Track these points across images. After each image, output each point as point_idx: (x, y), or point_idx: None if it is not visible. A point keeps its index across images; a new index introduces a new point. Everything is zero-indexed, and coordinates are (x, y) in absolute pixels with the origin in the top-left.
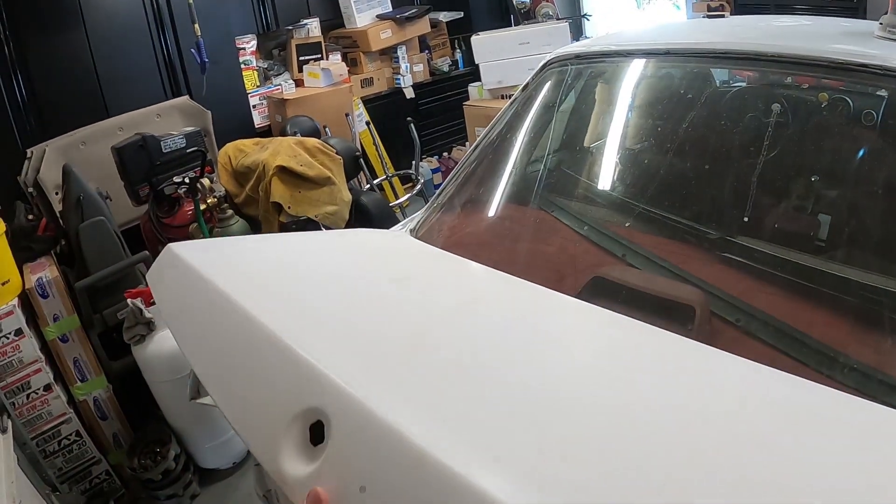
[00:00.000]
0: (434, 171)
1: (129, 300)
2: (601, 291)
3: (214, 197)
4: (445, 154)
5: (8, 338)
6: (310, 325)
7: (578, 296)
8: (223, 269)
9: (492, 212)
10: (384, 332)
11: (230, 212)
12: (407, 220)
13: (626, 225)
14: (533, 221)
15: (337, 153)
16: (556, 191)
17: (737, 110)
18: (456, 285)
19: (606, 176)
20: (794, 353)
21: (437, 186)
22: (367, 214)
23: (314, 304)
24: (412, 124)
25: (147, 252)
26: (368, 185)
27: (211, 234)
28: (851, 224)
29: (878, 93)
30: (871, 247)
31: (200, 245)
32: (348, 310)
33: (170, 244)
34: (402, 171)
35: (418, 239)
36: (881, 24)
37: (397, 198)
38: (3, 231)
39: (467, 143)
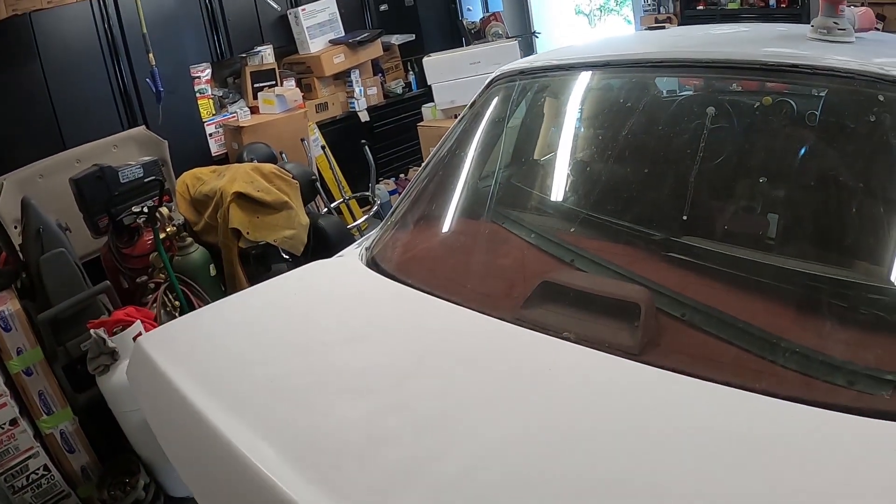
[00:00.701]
0: (391, 192)
1: (91, 331)
2: (550, 296)
3: (173, 225)
4: (402, 175)
5: None
6: (270, 434)
7: (528, 301)
8: (187, 368)
9: (443, 228)
10: (342, 428)
11: (189, 240)
12: (362, 238)
13: (572, 231)
14: (484, 235)
15: (293, 178)
16: (506, 203)
17: (674, 116)
18: (407, 338)
19: (554, 186)
20: (738, 342)
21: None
22: (325, 237)
23: (273, 402)
24: (367, 147)
25: (108, 282)
26: (326, 209)
27: (171, 263)
28: (785, 218)
29: (809, 91)
30: (805, 238)
31: (165, 336)
32: (307, 404)
33: (139, 339)
34: (359, 194)
35: (372, 259)
36: (812, 26)
37: (355, 220)
38: None
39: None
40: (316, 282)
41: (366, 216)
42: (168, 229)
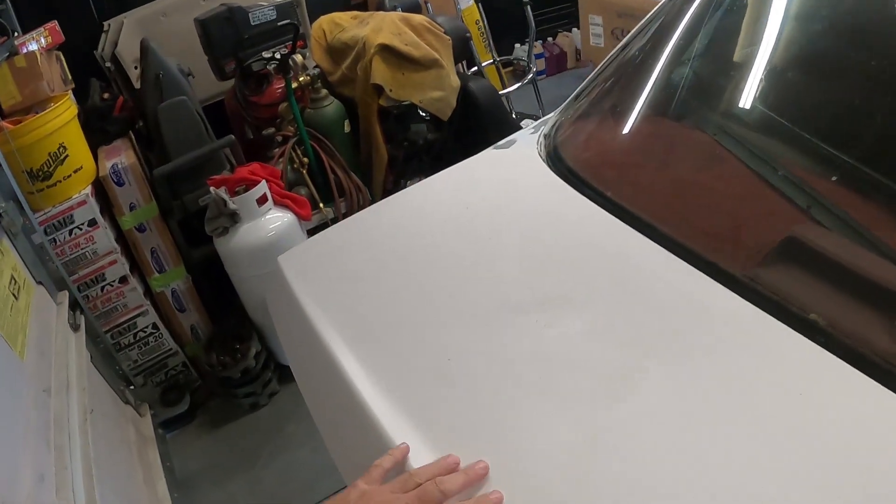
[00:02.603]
0: (538, 56)
1: (212, 189)
2: (792, 256)
3: (308, 75)
4: (550, 39)
5: (81, 229)
6: (405, 390)
7: (766, 259)
8: (328, 311)
9: (644, 130)
10: (539, 460)
11: (324, 92)
12: (539, 122)
13: (831, 175)
14: (697, 148)
15: (445, 33)
16: (726, 115)
17: None
18: (615, 308)
19: (798, 103)
20: None
21: (539, 73)
22: (475, 103)
23: (438, 392)
24: (528, 5)
25: (233, 136)
26: (473, 69)
27: (302, 115)
28: None
29: None
30: None
31: (307, 257)
32: (483, 403)
33: (279, 257)
34: (505, 57)
35: (554, 154)
36: None
37: (503, 85)
38: (75, 115)
39: (575, 30)
40: (489, 189)
41: (519, 84)
42: (301, 78)
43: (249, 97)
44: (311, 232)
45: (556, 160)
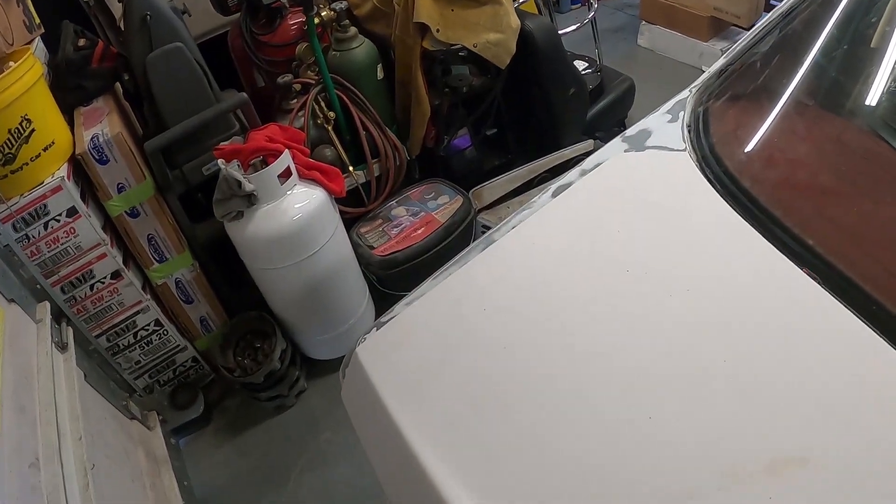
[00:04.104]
0: None
1: (221, 164)
2: None
3: (332, 10)
4: None
5: (59, 220)
6: None
7: None
8: (412, 401)
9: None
10: None
11: (353, 30)
12: (672, 103)
13: None
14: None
15: None
16: None
17: None
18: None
19: None
20: None
21: (574, 2)
22: (533, 46)
23: None
24: None
25: (245, 95)
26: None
27: (325, 58)
28: None
29: None
30: None
31: (388, 345)
32: None
33: (358, 349)
34: None
35: (714, 162)
36: None
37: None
38: (40, 75)
39: None
40: (621, 227)
41: (578, 24)
42: (324, 13)
43: (259, 36)
44: (340, 201)
45: (720, 176)
